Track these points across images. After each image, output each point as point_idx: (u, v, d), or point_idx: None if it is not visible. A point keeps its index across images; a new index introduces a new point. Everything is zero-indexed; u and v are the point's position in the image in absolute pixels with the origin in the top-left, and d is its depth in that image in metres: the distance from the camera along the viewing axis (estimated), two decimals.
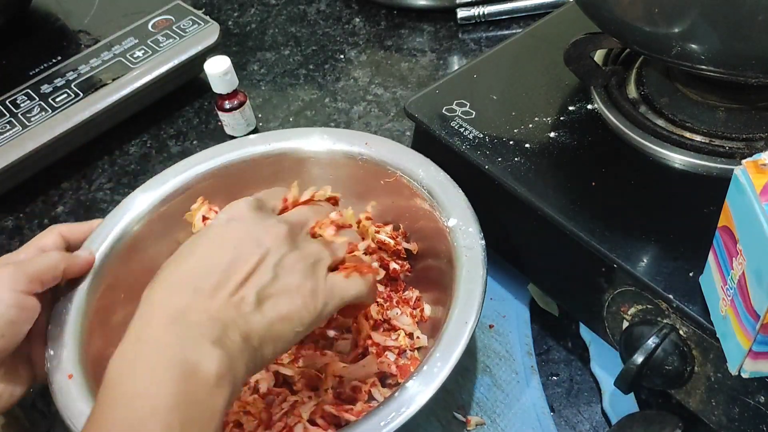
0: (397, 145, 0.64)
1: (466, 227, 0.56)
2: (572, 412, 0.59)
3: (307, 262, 0.49)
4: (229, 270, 0.46)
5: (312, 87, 0.88)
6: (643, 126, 0.59)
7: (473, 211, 0.57)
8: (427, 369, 0.48)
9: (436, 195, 0.59)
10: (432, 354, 0.49)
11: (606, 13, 0.56)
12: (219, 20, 0.90)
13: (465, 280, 0.53)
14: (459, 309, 0.51)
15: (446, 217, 0.58)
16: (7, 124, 0.77)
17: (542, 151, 0.59)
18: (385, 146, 0.64)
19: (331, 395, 0.56)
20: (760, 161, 0.40)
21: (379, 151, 0.63)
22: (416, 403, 0.47)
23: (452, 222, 0.57)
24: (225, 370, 0.43)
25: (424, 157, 0.62)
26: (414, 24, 0.94)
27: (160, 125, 0.86)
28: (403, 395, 0.47)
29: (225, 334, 0.44)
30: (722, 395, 0.49)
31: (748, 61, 0.50)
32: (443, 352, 0.49)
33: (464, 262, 0.54)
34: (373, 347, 0.58)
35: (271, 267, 0.47)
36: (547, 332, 0.64)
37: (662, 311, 0.50)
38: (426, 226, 0.61)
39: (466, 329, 0.50)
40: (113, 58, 0.83)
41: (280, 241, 0.49)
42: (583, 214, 0.54)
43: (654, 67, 0.64)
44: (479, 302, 0.52)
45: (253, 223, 0.50)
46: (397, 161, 0.62)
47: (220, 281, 0.46)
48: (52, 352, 0.53)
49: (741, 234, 0.41)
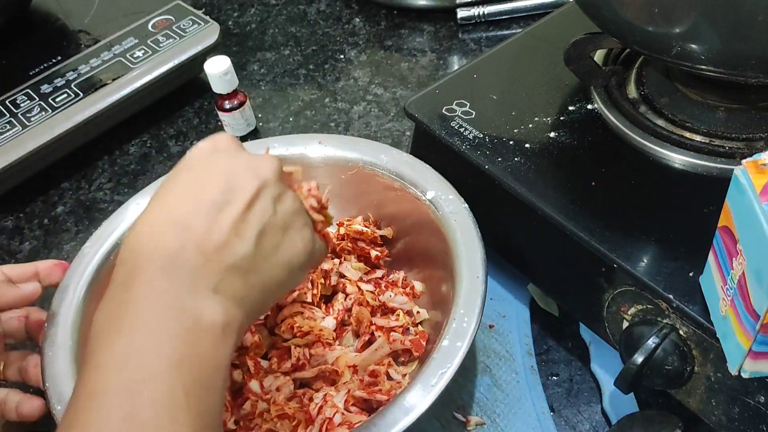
0: (352, 139, 0.66)
1: (446, 196, 0.59)
2: (572, 412, 0.59)
3: (302, 207, 0.45)
4: (224, 203, 0.40)
5: (312, 87, 0.88)
6: (643, 126, 0.59)
7: (447, 182, 0.60)
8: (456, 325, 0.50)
9: (406, 174, 0.61)
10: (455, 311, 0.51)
11: (606, 13, 0.56)
12: (219, 20, 0.90)
13: (462, 243, 0.55)
14: (466, 268, 0.54)
15: (422, 191, 0.59)
16: (7, 124, 0.77)
17: (542, 151, 0.59)
18: (341, 142, 0.65)
19: (357, 382, 0.56)
20: (760, 161, 0.40)
21: (335, 146, 0.65)
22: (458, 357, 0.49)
23: (431, 194, 0.59)
24: (230, 318, 0.38)
25: (383, 144, 0.64)
26: (414, 24, 0.94)
27: (160, 125, 0.86)
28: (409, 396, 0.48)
29: (225, 277, 0.39)
30: (722, 395, 0.49)
31: (748, 61, 0.50)
32: (465, 307, 0.51)
33: (455, 226, 0.57)
34: (379, 331, 0.59)
35: (270, 201, 0.42)
36: (547, 332, 0.64)
37: (662, 311, 0.50)
38: (401, 208, 0.62)
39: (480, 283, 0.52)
40: (113, 58, 0.83)
41: (277, 174, 0.43)
42: (583, 214, 0.54)
43: (654, 67, 0.64)
44: (482, 261, 0.54)
45: (243, 154, 0.44)
46: (356, 153, 0.64)
47: (214, 216, 0.40)
48: (51, 352, 0.53)
49: (741, 234, 0.41)
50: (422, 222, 0.60)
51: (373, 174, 0.63)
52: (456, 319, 0.51)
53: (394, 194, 0.62)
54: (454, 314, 0.52)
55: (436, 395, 0.47)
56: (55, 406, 0.50)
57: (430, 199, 0.59)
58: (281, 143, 0.66)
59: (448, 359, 0.49)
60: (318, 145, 0.65)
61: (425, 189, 0.60)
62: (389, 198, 0.63)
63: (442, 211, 0.58)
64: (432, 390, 0.48)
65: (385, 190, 0.63)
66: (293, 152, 0.65)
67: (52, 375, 0.52)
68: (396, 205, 0.63)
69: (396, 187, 0.62)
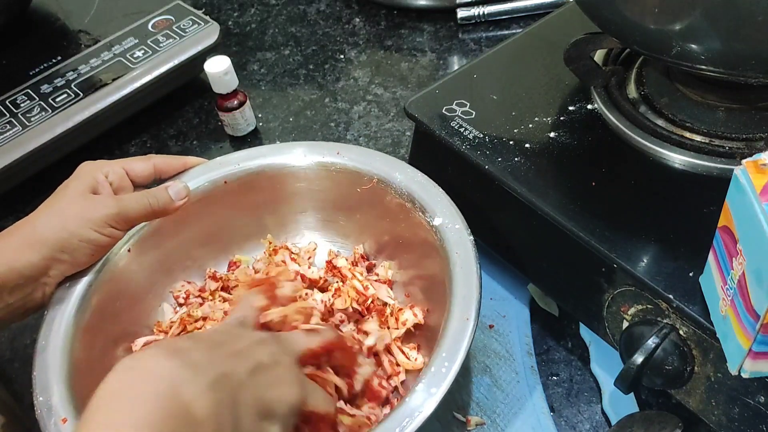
0: (369, 152, 0.64)
1: (452, 225, 0.56)
2: (572, 412, 0.59)
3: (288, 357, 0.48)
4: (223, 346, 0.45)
5: (312, 87, 0.88)
6: (643, 126, 0.59)
7: (457, 208, 0.57)
8: (434, 370, 0.48)
9: (417, 195, 0.59)
10: (438, 354, 0.49)
11: (606, 13, 0.56)
12: (219, 20, 0.90)
13: (459, 277, 0.53)
14: (458, 307, 0.51)
15: (431, 216, 0.58)
16: (7, 124, 0.77)
17: (542, 151, 0.59)
18: (358, 153, 0.64)
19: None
20: (760, 161, 0.40)
21: (352, 158, 0.63)
22: (431, 403, 0.47)
23: (438, 221, 0.57)
24: (215, 419, 0.40)
25: (399, 160, 0.62)
26: (414, 24, 0.94)
27: (160, 125, 0.86)
28: (413, 399, 0.47)
29: (221, 382, 0.42)
30: (722, 395, 0.49)
31: (748, 61, 0.50)
32: (449, 351, 0.49)
33: (456, 259, 0.54)
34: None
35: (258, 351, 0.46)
36: (547, 332, 0.64)
37: (662, 311, 0.50)
38: (408, 231, 0.60)
39: (469, 325, 0.50)
40: (113, 58, 0.83)
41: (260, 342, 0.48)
42: (583, 214, 0.54)
43: (654, 67, 0.64)
44: (476, 301, 0.51)
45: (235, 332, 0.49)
46: (371, 167, 0.62)
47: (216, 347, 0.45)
48: (42, 398, 0.51)
49: (741, 234, 0.41)
50: (424, 248, 0.58)
51: (385, 190, 0.61)
52: (436, 364, 0.49)
53: (402, 215, 0.60)
54: (435, 357, 0.49)
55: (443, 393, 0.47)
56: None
57: (436, 226, 0.57)
58: (306, 148, 0.65)
59: (417, 407, 0.47)
60: (336, 156, 0.64)
61: (434, 214, 0.57)
62: (397, 218, 0.61)
63: (446, 241, 0.56)
64: (440, 388, 0.47)
65: (394, 209, 0.61)
66: (312, 160, 0.64)
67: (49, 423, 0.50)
68: (401, 226, 0.61)
69: (406, 208, 0.60)
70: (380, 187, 0.61)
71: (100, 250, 0.57)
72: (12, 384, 0.65)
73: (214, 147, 0.83)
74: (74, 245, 0.55)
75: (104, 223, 0.56)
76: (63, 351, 0.54)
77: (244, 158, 0.65)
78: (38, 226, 0.55)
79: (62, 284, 0.57)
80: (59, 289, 0.57)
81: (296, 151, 0.65)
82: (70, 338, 0.55)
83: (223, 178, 0.64)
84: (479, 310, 0.51)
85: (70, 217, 0.55)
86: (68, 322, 0.55)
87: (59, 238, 0.54)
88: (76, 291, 0.57)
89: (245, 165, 0.65)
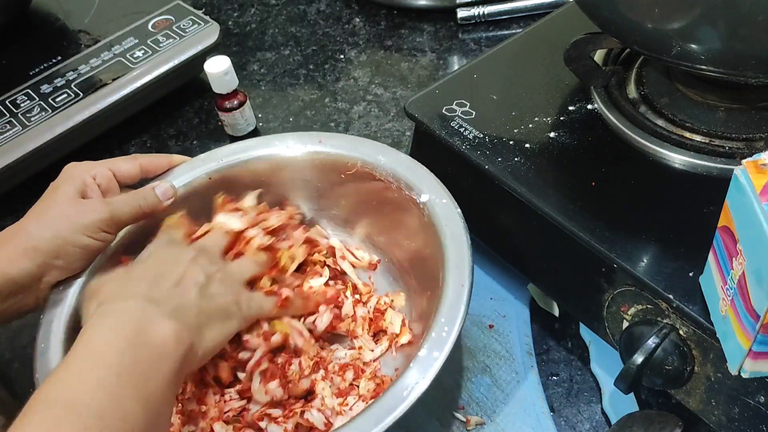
0: (352, 138, 0.66)
1: (439, 199, 0.58)
2: (572, 412, 0.59)
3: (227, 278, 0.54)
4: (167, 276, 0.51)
5: (312, 87, 0.88)
6: (643, 126, 0.59)
7: (442, 184, 0.59)
8: (435, 335, 0.50)
9: (401, 175, 0.60)
10: (436, 320, 0.50)
11: (606, 13, 0.56)
12: (219, 20, 0.90)
13: (450, 249, 0.55)
14: (453, 275, 0.53)
15: (417, 194, 0.59)
16: (7, 124, 0.77)
17: (542, 151, 0.59)
18: (341, 140, 0.65)
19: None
20: (760, 161, 0.40)
21: (334, 145, 0.64)
22: (433, 368, 0.48)
23: (425, 197, 0.58)
24: (175, 340, 0.47)
25: (382, 144, 0.64)
26: (414, 24, 0.94)
27: (160, 125, 0.86)
28: (418, 362, 0.48)
29: (179, 311, 0.49)
30: (722, 395, 0.49)
31: (748, 61, 0.50)
32: (447, 317, 0.51)
33: (446, 231, 0.56)
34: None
35: (194, 272, 0.53)
36: (547, 332, 0.64)
37: (662, 311, 0.50)
38: (397, 210, 0.62)
39: (464, 291, 0.52)
40: (113, 58, 0.83)
41: (193, 261, 0.54)
42: (583, 214, 0.54)
43: (654, 67, 0.64)
44: (469, 269, 0.53)
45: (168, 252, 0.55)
46: (355, 152, 0.63)
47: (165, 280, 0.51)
48: (38, 376, 0.53)
49: (741, 234, 0.41)
50: (414, 225, 0.59)
51: (370, 174, 0.62)
52: (436, 329, 0.50)
53: (390, 195, 0.61)
54: (435, 323, 0.50)
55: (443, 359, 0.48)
56: None
57: (423, 202, 0.58)
58: (290, 140, 0.66)
59: (425, 368, 0.48)
60: (318, 144, 0.65)
61: (420, 191, 0.59)
62: (384, 199, 0.62)
63: (434, 216, 0.57)
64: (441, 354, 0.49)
65: (380, 191, 0.62)
66: (295, 152, 0.65)
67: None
68: (389, 207, 0.62)
69: (392, 188, 0.61)
70: (365, 170, 0.62)
71: (93, 255, 0.58)
72: (12, 384, 0.65)
73: (214, 147, 0.82)
74: (68, 251, 0.56)
75: (97, 228, 0.56)
76: (63, 352, 0.54)
77: (227, 154, 0.66)
78: (32, 233, 0.55)
79: (56, 287, 0.57)
80: (54, 291, 0.57)
81: (279, 143, 0.66)
82: (69, 339, 0.55)
83: (207, 174, 0.65)
84: (473, 276, 0.53)
85: (63, 223, 0.55)
86: (66, 324, 0.56)
87: (53, 245, 0.55)
88: (71, 292, 0.57)
89: (228, 160, 0.65)
